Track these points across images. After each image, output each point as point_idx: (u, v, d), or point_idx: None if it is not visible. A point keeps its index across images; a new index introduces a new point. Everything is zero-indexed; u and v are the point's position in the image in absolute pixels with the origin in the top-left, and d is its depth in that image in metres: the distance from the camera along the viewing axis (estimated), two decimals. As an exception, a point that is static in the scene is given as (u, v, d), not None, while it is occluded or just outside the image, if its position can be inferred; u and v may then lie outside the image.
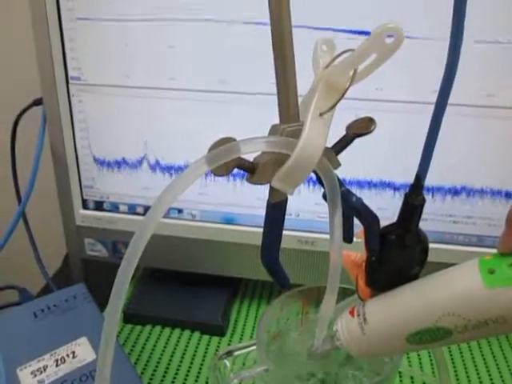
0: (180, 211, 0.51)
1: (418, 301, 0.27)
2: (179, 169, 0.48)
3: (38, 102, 0.50)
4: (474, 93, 0.42)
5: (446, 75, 0.24)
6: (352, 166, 0.46)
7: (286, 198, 0.26)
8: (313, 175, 0.27)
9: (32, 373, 0.40)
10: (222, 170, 0.24)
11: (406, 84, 0.42)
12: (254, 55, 0.42)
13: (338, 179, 0.26)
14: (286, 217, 0.27)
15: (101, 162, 0.50)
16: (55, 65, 0.46)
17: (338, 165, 0.27)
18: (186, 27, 0.43)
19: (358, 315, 0.29)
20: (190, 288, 0.55)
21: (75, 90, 0.47)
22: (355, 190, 0.46)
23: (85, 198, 0.52)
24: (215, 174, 0.24)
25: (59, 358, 0.41)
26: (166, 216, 0.51)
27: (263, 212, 0.27)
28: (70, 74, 0.47)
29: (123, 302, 0.23)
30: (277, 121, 0.25)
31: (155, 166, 0.49)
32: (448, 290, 0.26)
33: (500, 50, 0.40)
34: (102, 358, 0.24)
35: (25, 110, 0.51)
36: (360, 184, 0.46)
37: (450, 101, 0.25)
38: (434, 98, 0.25)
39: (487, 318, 0.24)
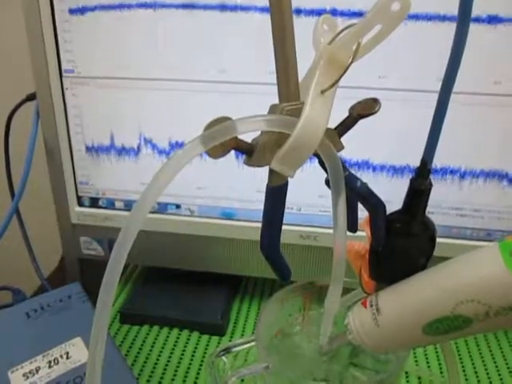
0: (178, 207, 0.49)
1: (435, 287, 0.25)
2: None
3: (31, 98, 0.49)
4: (480, 80, 0.40)
5: (451, 58, 0.23)
6: (355, 155, 0.44)
7: (287, 182, 0.25)
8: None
9: (24, 375, 0.38)
10: (218, 151, 0.23)
11: (411, 72, 0.41)
12: (254, 43, 0.41)
13: (342, 163, 0.25)
14: (288, 211, 0.26)
15: (96, 158, 0.49)
16: (48, 58, 0.45)
17: (341, 147, 0.26)
18: (183, 15, 0.42)
19: (371, 306, 0.27)
20: (188, 286, 0.54)
21: (69, 84, 0.46)
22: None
23: (80, 194, 0.51)
24: (211, 156, 0.23)
25: (52, 359, 0.39)
26: (164, 212, 0.50)
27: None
28: (64, 66, 0.46)
29: (113, 295, 0.22)
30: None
31: (152, 160, 0.47)
32: (467, 274, 0.24)
33: (507, 35, 0.39)
34: (92, 357, 0.23)
35: (18, 106, 0.50)
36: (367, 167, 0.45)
37: (455, 89, 0.24)
38: (439, 87, 0.24)
39: (510, 303, 0.22)
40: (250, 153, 0.23)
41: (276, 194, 0.25)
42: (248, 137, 0.24)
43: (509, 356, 0.48)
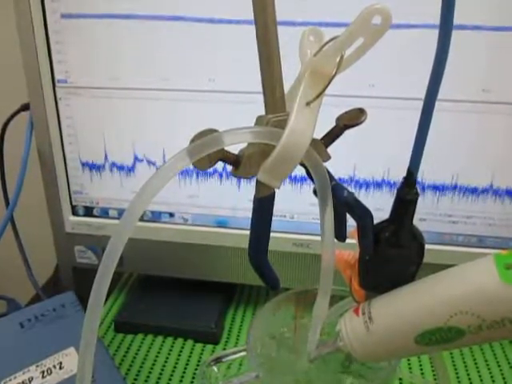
0: (171, 215, 0.49)
1: (429, 298, 0.25)
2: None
3: (25, 108, 0.49)
4: (469, 88, 0.41)
5: (435, 64, 0.23)
6: (345, 164, 0.44)
7: (274, 193, 0.25)
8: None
9: (17, 385, 0.38)
10: (205, 163, 0.23)
11: (399, 80, 0.41)
12: (243, 52, 0.42)
13: (329, 173, 0.25)
14: (281, 218, 0.26)
15: (90, 167, 0.49)
16: (41, 68, 0.45)
17: (327, 157, 0.26)
18: (173, 26, 0.42)
19: (363, 313, 0.27)
20: (182, 295, 0.54)
21: (62, 93, 0.47)
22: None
23: (74, 203, 0.51)
24: (197, 168, 0.23)
25: (45, 369, 0.39)
26: (158, 220, 0.50)
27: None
28: (57, 76, 0.46)
29: (103, 302, 0.22)
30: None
31: (145, 169, 0.47)
32: (461, 286, 0.24)
33: (496, 42, 0.39)
34: (82, 364, 0.23)
35: (13, 116, 0.50)
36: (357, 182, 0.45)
37: (445, 96, 0.24)
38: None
39: (504, 316, 0.22)
40: (236, 164, 0.24)
41: (263, 205, 0.25)
42: (234, 148, 0.24)
43: (503, 364, 0.48)
